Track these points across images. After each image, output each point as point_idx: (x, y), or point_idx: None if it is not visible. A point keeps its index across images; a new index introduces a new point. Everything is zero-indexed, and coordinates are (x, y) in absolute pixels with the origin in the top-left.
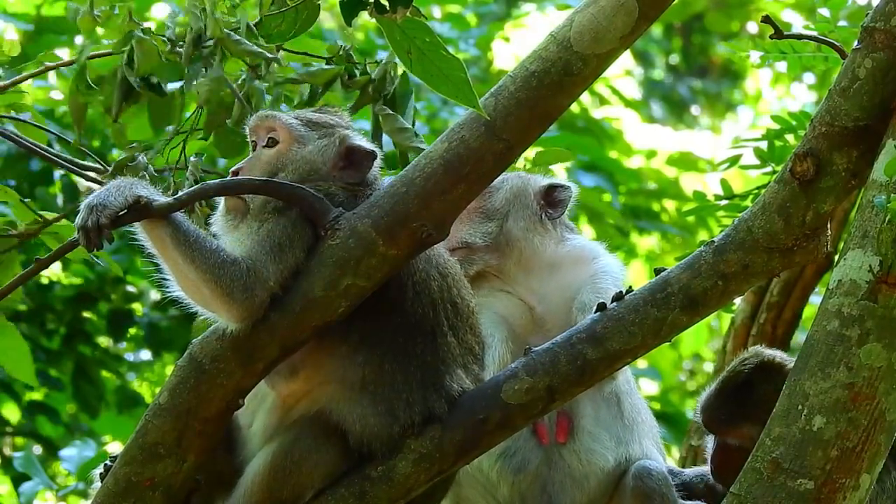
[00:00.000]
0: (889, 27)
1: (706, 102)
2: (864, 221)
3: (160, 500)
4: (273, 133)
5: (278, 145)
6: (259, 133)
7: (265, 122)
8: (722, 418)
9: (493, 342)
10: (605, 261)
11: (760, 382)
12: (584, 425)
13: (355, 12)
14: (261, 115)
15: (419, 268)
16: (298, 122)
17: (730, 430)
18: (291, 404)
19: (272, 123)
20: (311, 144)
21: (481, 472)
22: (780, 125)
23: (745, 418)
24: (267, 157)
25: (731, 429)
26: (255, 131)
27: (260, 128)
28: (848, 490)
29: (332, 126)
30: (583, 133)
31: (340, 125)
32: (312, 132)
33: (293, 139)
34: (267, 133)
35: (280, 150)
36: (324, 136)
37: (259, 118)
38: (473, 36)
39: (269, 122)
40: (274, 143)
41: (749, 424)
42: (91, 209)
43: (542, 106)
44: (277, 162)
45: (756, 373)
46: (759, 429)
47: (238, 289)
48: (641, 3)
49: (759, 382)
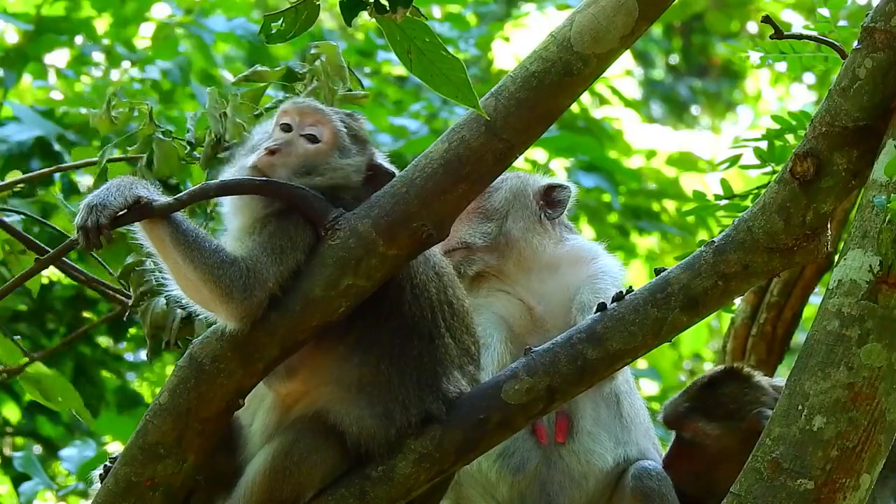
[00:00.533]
0: (889, 27)
1: (706, 102)
2: (864, 221)
3: (160, 499)
4: (316, 129)
5: (319, 144)
6: (301, 120)
7: (312, 114)
8: (679, 412)
9: (493, 342)
10: (605, 261)
11: (723, 384)
12: (583, 426)
13: (355, 12)
14: (309, 103)
15: (418, 270)
16: (345, 130)
17: (685, 424)
18: (290, 404)
19: (320, 118)
20: (350, 158)
21: (481, 473)
22: (780, 125)
23: (701, 413)
24: (304, 152)
25: (686, 422)
26: (296, 115)
27: (305, 115)
28: (848, 490)
29: (365, 142)
30: (583, 133)
31: (369, 140)
32: (353, 146)
33: (336, 147)
34: (309, 126)
35: (321, 150)
36: (360, 153)
37: (307, 106)
38: (473, 36)
39: (317, 116)
40: (315, 140)
41: (704, 420)
42: (91, 209)
43: (543, 106)
44: (315, 162)
45: (721, 375)
46: (714, 426)
47: (237, 289)
48: (641, 3)
49: (721, 383)
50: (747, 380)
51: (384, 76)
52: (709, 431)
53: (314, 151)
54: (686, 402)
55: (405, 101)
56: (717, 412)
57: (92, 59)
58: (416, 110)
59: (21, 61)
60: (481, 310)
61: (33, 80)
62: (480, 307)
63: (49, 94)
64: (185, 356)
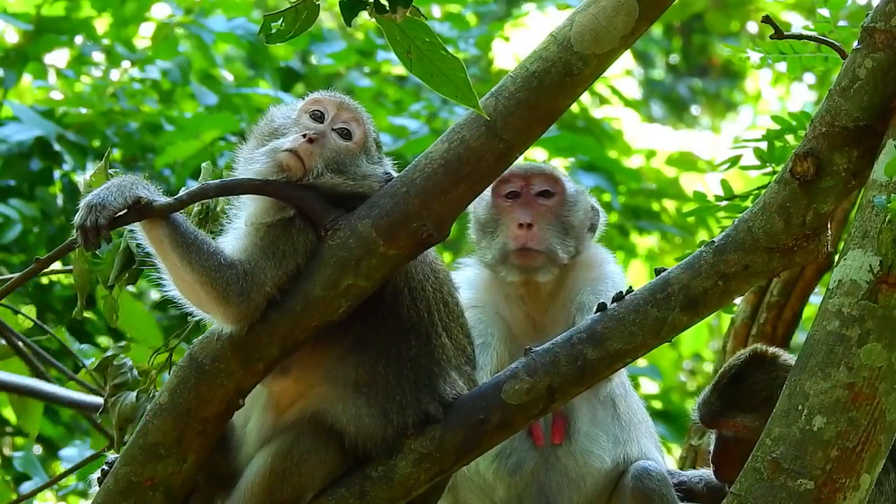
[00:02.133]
0: (889, 27)
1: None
2: (864, 221)
3: (160, 499)
4: (349, 125)
5: (350, 143)
6: (337, 113)
7: (348, 109)
8: (715, 411)
9: (492, 341)
10: (610, 267)
11: (751, 372)
12: (580, 427)
13: (355, 12)
14: (346, 98)
15: (416, 269)
16: (374, 134)
17: (723, 422)
18: (286, 404)
19: (356, 116)
20: (371, 165)
21: (478, 474)
22: (780, 125)
23: (737, 408)
24: (337, 146)
25: (724, 420)
26: (331, 107)
27: (343, 109)
28: (848, 490)
29: (382, 148)
30: (583, 133)
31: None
32: (376, 153)
33: (364, 148)
34: (343, 120)
35: (351, 149)
36: (380, 162)
37: (344, 101)
38: (473, 36)
39: (353, 113)
40: (348, 137)
41: (741, 414)
42: (90, 209)
43: (543, 106)
44: (345, 160)
45: (747, 364)
46: (752, 418)
47: (234, 292)
48: (641, 3)
49: (749, 372)
50: (773, 361)
51: (384, 76)
52: (748, 424)
53: (346, 149)
54: (718, 399)
55: (405, 101)
56: (751, 403)
57: (92, 59)
58: (416, 110)
59: (21, 61)
60: (483, 307)
61: (33, 80)
62: (482, 304)
63: (49, 94)
64: (186, 356)
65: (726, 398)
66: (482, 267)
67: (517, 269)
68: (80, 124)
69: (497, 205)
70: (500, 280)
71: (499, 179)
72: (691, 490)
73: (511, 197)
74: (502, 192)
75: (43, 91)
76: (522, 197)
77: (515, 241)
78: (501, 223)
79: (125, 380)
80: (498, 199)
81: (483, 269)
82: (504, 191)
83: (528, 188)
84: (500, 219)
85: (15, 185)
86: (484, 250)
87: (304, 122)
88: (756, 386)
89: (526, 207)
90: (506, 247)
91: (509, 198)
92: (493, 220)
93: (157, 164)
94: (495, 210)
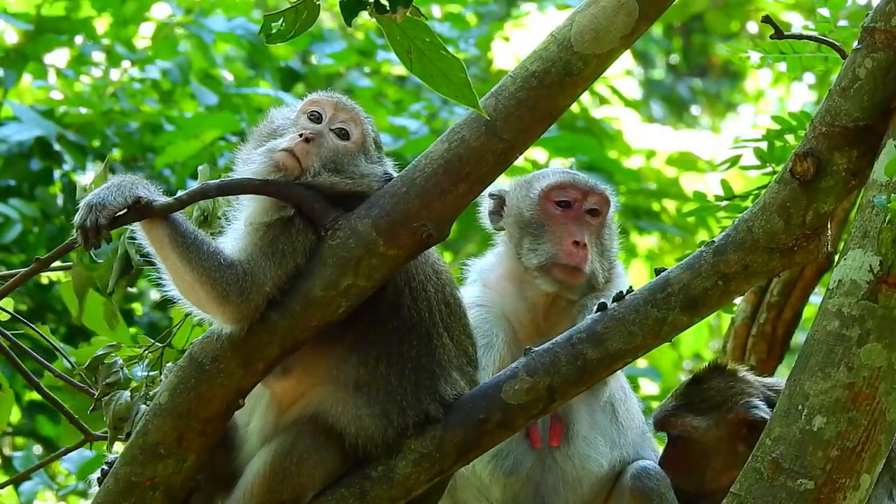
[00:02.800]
0: (889, 27)
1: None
2: (864, 221)
3: (160, 499)
4: (347, 125)
5: (348, 143)
6: (335, 113)
7: (345, 109)
8: (667, 411)
9: (497, 342)
10: (621, 281)
11: (708, 379)
12: (578, 430)
13: (355, 12)
14: (344, 98)
15: (416, 269)
16: (373, 134)
17: (672, 422)
18: (287, 403)
19: (353, 116)
20: (370, 164)
21: (475, 475)
22: (780, 125)
23: (687, 409)
24: (335, 146)
25: (673, 420)
26: (329, 108)
27: (340, 110)
28: (848, 490)
29: (382, 151)
30: (583, 133)
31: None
32: (376, 153)
33: (362, 148)
34: (341, 120)
35: (349, 149)
36: (380, 162)
37: (341, 101)
38: (473, 36)
39: (351, 113)
40: (345, 137)
41: (691, 416)
42: (90, 208)
43: (543, 106)
44: (343, 160)
45: (707, 371)
46: (701, 420)
47: (233, 292)
48: (642, 3)
49: (707, 379)
50: (732, 374)
51: (384, 76)
52: (696, 425)
53: (343, 149)
54: (673, 400)
55: (405, 101)
56: (702, 406)
57: (92, 59)
58: (416, 110)
59: (21, 61)
60: (490, 306)
61: (33, 80)
62: (489, 303)
63: (49, 94)
64: (185, 356)
65: (680, 400)
66: (506, 266)
67: (556, 283)
68: (80, 124)
69: (546, 209)
70: (521, 282)
71: (554, 184)
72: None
73: (562, 206)
74: (554, 198)
75: (43, 91)
76: (574, 210)
77: (569, 259)
78: (551, 231)
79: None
80: (548, 203)
81: (504, 269)
82: (556, 197)
83: (581, 203)
84: (550, 226)
85: (15, 185)
86: (527, 253)
87: (302, 123)
88: (710, 391)
89: (579, 224)
90: (555, 258)
91: (560, 206)
92: (541, 225)
93: (157, 164)
94: (544, 214)
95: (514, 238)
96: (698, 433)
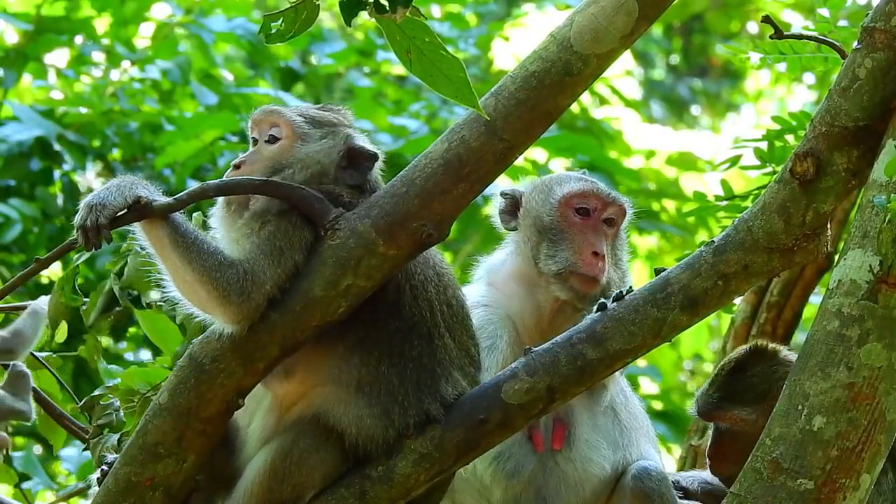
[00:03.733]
0: (889, 27)
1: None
2: (864, 221)
3: (160, 499)
4: (276, 129)
5: (280, 142)
6: (261, 127)
7: (268, 116)
8: (712, 403)
9: (500, 344)
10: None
11: (751, 365)
12: (580, 433)
13: (355, 12)
14: (264, 108)
15: (418, 270)
16: (302, 118)
17: (720, 415)
18: (288, 405)
19: (276, 119)
20: (315, 143)
21: (475, 476)
22: (780, 125)
23: (734, 401)
24: (269, 154)
25: (721, 413)
26: (256, 125)
27: (262, 122)
28: (848, 490)
29: (335, 125)
30: (583, 133)
31: (343, 124)
32: (316, 130)
33: (297, 137)
34: (269, 128)
35: (283, 146)
36: (328, 136)
37: (263, 112)
38: (473, 36)
39: (273, 117)
40: (275, 140)
41: (739, 407)
42: (90, 208)
43: (543, 106)
44: (280, 159)
45: (747, 357)
46: (750, 411)
47: (234, 292)
48: (641, 3)
49: (749, 365)
50: (774, 356)
51: (384, 76)
52: (745, 417)
53: (277, 150)
54: (716, 391)
55: (405, 101)
56: (748, 396)
57: (92, 59)
58: (416, 110)
59: (21, 61)
60: (494, 307)
61: (33, 80)
62: (494, 304)
63: (49, 94)
64: (185, 356)
65: (724, 391)
66: (515, 267)
67: (572, 291)
68: (80, 124)
69: (565, 216)
70: (531, 285)
71: (576, 191)
72: (686, 490)
73: (581, 214)
74: (574, 205)
75: (43, 91)
76: (593, 219)
77: (589, 269)
78: (570, 239)
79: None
80: (568, 210)
81: (513, 269)
82: (577, 204)
83: (601, 212)
84: (569, 233)
85: (15, 185)
86: (544, 258)
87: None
88: (755, 379)
89: (598, 234)
90: (573, 267)
91: (580, 214)
92: (560, 231)
93: (157, 164)
94: (563, 221)
95: (530, 241)
96: (748, 425)
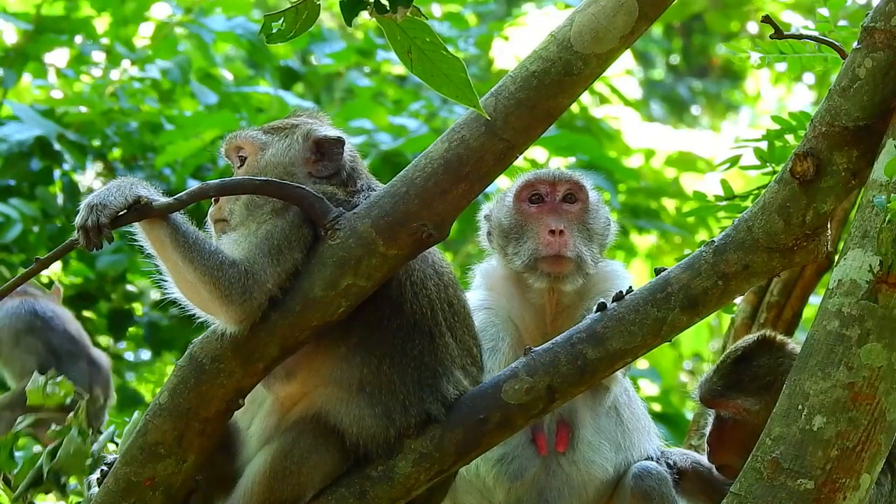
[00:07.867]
0: (889, 27)
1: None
2: (864, 221)
3: (160, 499)
4: (241, 151)
5: (247, 160)
6: (231, 156)
7: (232, 143)
8: (715, 390)
9: (503, 346)
10: (625, 283)
11: (757, 355)
12: (583, 435)
13: (355, 12)
14: (227, 137)
15: (417, 268)
16: (260, 132)
17: (722, 403)
18: (289, 406)
19: (238, 142)
20: (272, 147)
21: (478, 478)
22: (780, 125)
23: (738, 390)
24: (241, 174)
25: (724, 401)
26: (227, 155)
27: (230, 150)
28: (848, 490)
29: (293, 126)
30: (582, 132)
31: (304, 122)
32: (273, 136)
33: (257, 149)
34: (237, 152)
35: (249, 163)
36: (285, 137)
37: (227, 141)
38: (473, 35)
39: (236, 141)
40: (244, 160)
41: (742, 397)
42: (91, 208)
43: (543, 106)
44: (249, 174)
45: (754, 347)
46: (753, 401)
47: (236, 291)
48: (641, 3)
49: (755, 355)
50: (781, 348)
51: (384, 75)
52: (748, 407)
53: (246, 168)
54: (721, 378)
55: (405, 101)
56: (753, 386)
57: (92, 58)
58: (416, 109)
59: (21, 61)
60: (496, 309)
61: (33, 79)
62: (496, 307)
63: (49, 93)
64: (186, 356)
65: (729, 379)
66: (506, 271)
67: (546, 277)
68: (80, 124)
69: (522, 210)
70: (522, 285)
71: (522, 184)
72: (677, 466)
73: (535, 202)
74: (526, 197)
75: (43, 91)
76: (548, 202)
77: (548, 248)
78: (529, 229)
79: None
80: (522, 203)
81: (505, 273)
82: (528, 195)
83: (553, 194)
84: (528, 224)
85: (15, 185)
86: (511, 257)
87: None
88: (760, 370)
89: (555, 214)
90: (536, 253)
91: (534, 203)
92: (519, 226)
93: (157, 164)
94: (520, 215)
95: (502, 249)
96: (751, 415)
